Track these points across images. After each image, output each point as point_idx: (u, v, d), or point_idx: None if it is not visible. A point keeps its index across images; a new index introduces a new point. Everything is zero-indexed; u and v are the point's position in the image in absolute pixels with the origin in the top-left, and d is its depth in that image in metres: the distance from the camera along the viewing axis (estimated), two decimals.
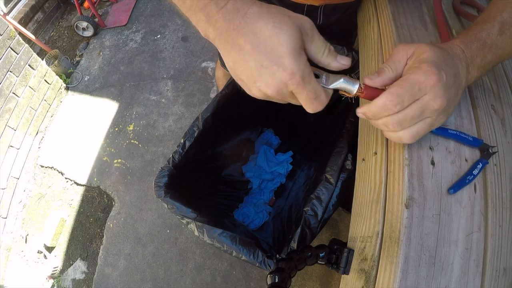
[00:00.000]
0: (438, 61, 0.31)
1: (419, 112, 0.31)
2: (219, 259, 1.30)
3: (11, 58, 1.50)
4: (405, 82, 0.31)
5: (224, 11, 0.30)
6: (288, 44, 0.28)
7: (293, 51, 0.28)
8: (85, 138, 1.72)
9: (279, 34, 0.28)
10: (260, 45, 0.29)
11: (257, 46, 0.29)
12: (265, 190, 1.04)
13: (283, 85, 0.30)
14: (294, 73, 0.29)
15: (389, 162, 0.38)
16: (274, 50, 0.29)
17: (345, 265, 0.39)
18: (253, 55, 0.29)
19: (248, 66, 0.30)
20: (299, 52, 0.29)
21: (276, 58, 0.29)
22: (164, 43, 2.02)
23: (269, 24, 0.29)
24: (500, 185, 0.38)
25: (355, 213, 0.43)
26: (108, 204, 1.52)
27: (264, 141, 1.11)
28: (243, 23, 0.30)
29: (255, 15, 0.30)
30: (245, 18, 0.30)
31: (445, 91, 0.31)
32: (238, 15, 0.30)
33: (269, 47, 0.29)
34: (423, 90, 0.30)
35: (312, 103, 0.31)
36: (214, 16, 0.31)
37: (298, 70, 0.29)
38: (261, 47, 0.29)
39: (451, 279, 0.32)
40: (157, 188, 0.64)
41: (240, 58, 0.31)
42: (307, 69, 0.29)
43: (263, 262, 0.55)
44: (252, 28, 0.29)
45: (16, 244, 1.46)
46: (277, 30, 0.28)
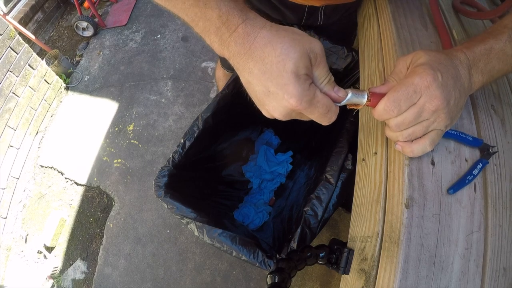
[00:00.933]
0: (433, 63, 0.32)
1: (416, 115, 0.32)
2: (219, 259, 1.30)
3: (11, 58, 1.50)
4: (400, 86, 0.31)
5: (235, 35, 0.31)
6: (293, 71, 0.29)
7: (298, 78, 0.29)
8: (85, 138, 1.72)
9: (285, 61, 0.29)
10: (267, 71, 0.30)
11: (264, 72, 0.30)
12: (265, 190, 1.04)
13: (290, 110, 0.31)
14: (299, 99, 0.29)
15: (389, 162, 0.38)
16: (279, 77, 0.29)
17: (345, 265, 0.39)
18: (261, 81, 0.30)
19: (257, 90, 0.32)
20: (304, 78, 0.30)
21: (282, 85, 0.29)
22: (164, 43, 2.02)
23: (277, 50, 0.29)
24: (500, 185, 0.38)
25: (355, 213, 0.43)
26: (108, 204, 1.52)
27: (264, 141, 1.11)
28: (252, 48, 0.31)
29: (264, 39, 0.30)
30: (255, 43, 0.31)
31: (442, 91, 0.31)
32: (248, 39, 0.31)
33: (275, 73, 0.29)
34: (418, 92, 0.31)
35: (325, 117, 0.32)
36: (227, 40, 0.32)
37: (303, 96, 0.29)
38: (268, 73, 0.30)
39: (451, 279, 0.32)
40: (157, 188, 0.64)
41: (250, 81, 0.32)
42: (311, 92, 0.30)
43: (263, 262, 0.55)
44: (260, 54, 0.30)
45: (16, 244, 1.46)
46: (284, 57, 0.29)
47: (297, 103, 0.29)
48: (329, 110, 0.32)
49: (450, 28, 0.51)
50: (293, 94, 0.29)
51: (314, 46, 0.30)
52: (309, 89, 0.30)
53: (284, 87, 0.29)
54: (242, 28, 0.31)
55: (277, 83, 0.30)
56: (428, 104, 0.31)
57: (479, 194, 0.36)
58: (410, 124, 0.32)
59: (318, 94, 0.31)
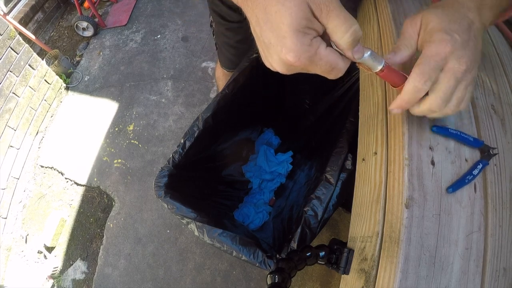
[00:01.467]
0: (445, 24, 0.31)
1: (454, 81, 0.31)
2: (219, 259, 1.30)
3: (11, 58, 1.50)
4: (424, 59, 0.31)
5: None
6: (290, 23, 0.26)
7: (296, 32, 0.26)
8: (85, 138, 1.72)
9: (281, 11, 0.26)
10: (268, 21, 0.27)
11: (266, 22, 0.28)
12: (265, 190, 1.04)
13: (289, 65, 0.28)
14: (297, 55, 0.27)
15: (389, 162, 0.38)
16: (278, 29, 0.27)
17: (345, 265, 0.39)
18: (263, 31, 0.28)
19: (261, 40, 0.29)
20: (303, 31, 0.26)
21: (280, 38, 0.27)
22: (164, 43, 2.02)
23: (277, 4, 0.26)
24: (500, 185, 0.38)
25: (355, 213, 0.43)
26: (108, 204, 1.52)
27: (264, 141, 1.11)
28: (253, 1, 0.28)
29: None
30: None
31: (465, 49, 0.31)
32: None
33: (275, 24, 0.27)
34: (444, 59, 0.30)
35: (329, 74, 0.30)
36: None
37: (302, 51, 0.27)
38: (269, 23, 0.27)
39: (451, 279, 0.32)
40: (157, 188, 0.64)
41: (256, 30, 0.29)
42: (313, 48, 0.27)
43: (263, 262, 0.55)
44: (263, 2, 0.27)
45: (16, 244, 1.46)
46: (280, 6, 0.26)
47: (294, 59, 0.27)
48: (334, 68, 0.29)
49: None
50: (291, 49, 0.27)
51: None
52: (311, 44, 0.27)
53: (282, 40, 0.27)
54: None
55: (277, 35, 0.27)
56: (458, 66, 0.30)
57: (479, 194, 0.36)
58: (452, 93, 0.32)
59: (322, 51, 0.28)
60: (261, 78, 0.83)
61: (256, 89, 0.83)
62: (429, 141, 0.37)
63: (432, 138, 0.38)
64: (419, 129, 0.37)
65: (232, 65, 0.91)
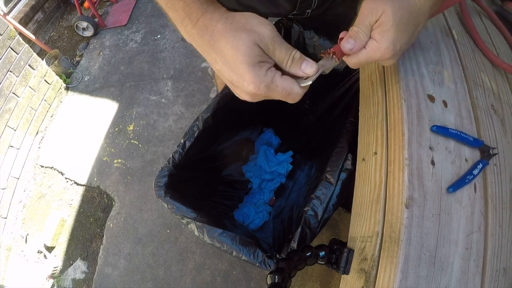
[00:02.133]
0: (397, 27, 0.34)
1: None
2: (219, 259, 1.30)
3: (11, 58, 1.50)
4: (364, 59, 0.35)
5: (196, 27, 0.35)
6: (246, 61, 0.31)
7: (251, 67, 0.31)
8: (85, 138, 1.72)
9: (237, 54, 0.31)
10: (227, 62, 0.33)
11: (224, 63, 0.33)
12: (265, 190, 1.04)
13: (253, 94, 0.33)
14: (257, 85, 0.32)
15: (389, 162, 0.38)
16: (237, 68, 0.32)
17: (345, 265, 0.39)
18: (224, 71, 0.33)
19: (225, 78, 0.35)
20: (258, 65, 0.32)
21: (240, 75, 0.32)
22: (164, 43, 2.02)
23: (228, 43, 0.32)
24: (500, 185, 0.38)
25: (355, 213, 0.43)
26: (108, 204, 1.52)
27: (264, 141, 1.11)
28: (212, 41, 0.33)
29: (219, 33, 0.33)
30: (213, 36, 0.33)
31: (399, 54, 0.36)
32: (207, 32, 0.34)
33: (233, 65, 0.32)
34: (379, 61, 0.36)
35: (287, 99, 0.34)
36: (191, 31, 0.35)
37: (260, 81, 0.32)
38: (227, 65, 0.33)
39: (451, 279, 0.32)
40: (157, 188, 0.64)
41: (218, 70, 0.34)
42: (268, 77, 0.32)
43: (263, 262, 0.55)
44: (218, 47, 0.33)
45: (16, 244, 1.46)
46: (235, 50, 0.31)
47: (255, 89, 0.32)
48: (290, 93, 0.33)
49: (451, 28, 0.51)
50: (250, 81, 0.32)
51: (262, 37, 0.32)
52: (266, 75, 0.32)
53: (242, 76, 0.32)
54: (202, 21, 0.34)
55: (237, 73, 0.32)
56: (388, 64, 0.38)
57: (479, 194, 0.36)
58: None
59: (277, 79, 0.33)
60: None
61: None
62: (429, 141, 0.37)
63: (432, 138, 0.38)
64: (419, 129, 0.37)
65: None
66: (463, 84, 0.44)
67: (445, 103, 0.41)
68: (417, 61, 0.43)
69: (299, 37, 0.78)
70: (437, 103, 0.40)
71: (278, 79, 0.33)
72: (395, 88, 0.41)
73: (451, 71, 0.44)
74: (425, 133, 0.37)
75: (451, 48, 0.48)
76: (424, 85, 0.41)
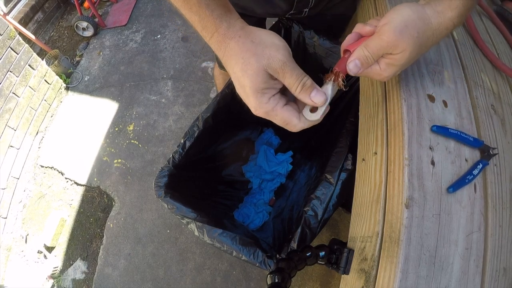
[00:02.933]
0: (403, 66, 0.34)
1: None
2: (219, 259, 1.30)
3: (11, 58, 1.50)
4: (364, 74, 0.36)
5: (212, 41, 0.36)
6: (251, 87, 0.33)
7: (255, 93, 0.33)
8: (85, 138, 1.72)
9: (244, 77, 0.33)
10: (237, 81, 0.35)
11: (236, 81, 0.35)
12: (265, 190, 1.04)
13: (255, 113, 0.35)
14: (257, 110, 0.34)
15: (389, 162, 0.38)
16: (243, 88, 0.34)
17: (345, 265, 0.39)
18: (235, 83, 0.35)
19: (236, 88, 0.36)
20: (262, 92, 0.33)
21: (246, 95, 0.34)
22: (164, 43, 2.02)
23: (238, 65, 0.33)
24: (500, 185, 0.38)
25: (355, 213, 0.43)
26: (108, 204, 1.52)
27: (264, 141, 1.11)
28: (225, 57, 0.35)
29: (231, 52, 0.34)
30: (226, 53, 0.35)
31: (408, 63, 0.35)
32: (221, 48, 0.35)
33: (242, 85, 0.34)
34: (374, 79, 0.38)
35: (286, 127, 0.36)
36: (209, 41, 0.37)
37: (260, 107, 0.34)
38: (238, 83, 0.35)
39: (451, 279, 0.32)
40: (157, 188, 0.64)
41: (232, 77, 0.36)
42: (270, 105, 0.34)
43: (263, 262, 0.55)
44: (230, 63, 0.34)
45: (16, 244, 1.46)
46: (243, 73, 0.33)
47: (256, 112, 0.35)
48: (288, 123, 0.35)
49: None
50: (251, 105, 0.34)
51: (272, 62, 0.32)
52: (268, 103, 0.34)
53: (247, 98, 0.34)
54: (216, 37, 0.35)
55: (243, 92, 0.34)
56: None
57: (479, 194, 0.36)
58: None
59: (278, 108, 0.34)
60: None
61: None
62: (429, 141, 0.37)
63: (432, 138, 0.38)
64: (419, 129, 0.37)
65: None
66: (463, 84, 0.44)
67: (445, 103, 0.41)
68: (417, 61, 0.43)
69: (299, 37, 0.78)
70: (437, 103, 0.40)
71: (279, 109, 0.34)
72: (395, 88, 0.41)
73: (451, 71, 0.44)
74: (425, 133, 0.37)
75: (451, 48, 0.48)
76: (424, 85, 0.41)
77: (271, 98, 0.34)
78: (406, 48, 0.33)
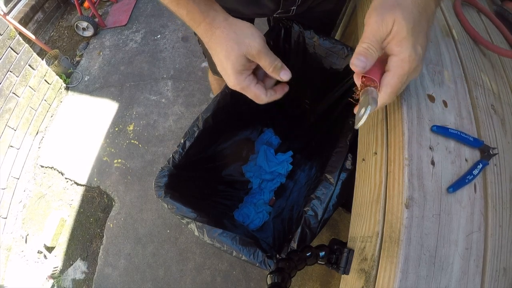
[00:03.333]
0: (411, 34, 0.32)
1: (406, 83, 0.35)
2: (219, 259, 1.30)
3: (11, 58, 1.50)
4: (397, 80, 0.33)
5: (199, 29, 0.44)
6: (232, 68, 0.42)
7: (235, 73, 0.42)
8: (85, 138, 1.72)
9: (227, 61, 0.42)
10: (220, 62, 0.43)
11: (219, 63, 0.44)
12: (265, 190, 1.04)
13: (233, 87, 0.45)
14: (235, 86, 0.44)
15: (389, 162, 0.38)
16: (225, 69, 0.43)
17: (345, 265, 0.39)
18: (218, 66, 0.44)
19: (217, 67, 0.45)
20: (241, 72, 0.43)
21: (227, 75, 0.44)
22: (164, 43, 2.02)
23: (222, 51, 0.42)
24: (500, 185, 0.38)
25: (355, 213, 0.43)
26: (108, 204, 1.52)
27: (264, 141, 1.11)
28: (211, 43, 0.43)
29: (216, 40, 0.42)
30: (212, 39, 0.43)
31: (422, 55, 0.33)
32: (207, 35, 0.43)
33: (224, 66, 0.43)
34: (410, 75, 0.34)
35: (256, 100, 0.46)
36: (196, 31, 0.45)
37: (238, 84, 0.43)
38: (220, 65, 0.44)
39: (451, 279, 0.32)
40: (157, 188, 0.64)
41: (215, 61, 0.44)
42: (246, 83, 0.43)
43: (263, 262, 0.55)
44: (215, 49, 0.43)
45: (16, 244, 1.46)
46: (226, 58, 0.42)
47: (234, 87, 0.44)
48: (257, 97, 0.45)
49: (451, 28, 0.51)
50: (230, 82, 0.44)
51: (250, 49, 0.41)
52: (244, 80, 0.43)
53: (228, 77, 0.43)
54: (203, 26, 0.43)
55: (225, 73, 0.44)
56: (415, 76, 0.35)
57: (479, 194, 0.36)
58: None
59: (252, 86, 0.44)
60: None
61: None
62: (429, 141, 0.37)
63: (432, 138, 0.38)
64: (419, 129, 0.37)
65: None
66: (463, 84, 0.44)
67: (445, 103, 0.41)
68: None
69: (299, 37, 0.78)
70: (437, 103, 0.40)
71: (253, 86, 0.44)
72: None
73: (451, 71, 0.44)
74: (425, 133, 0.37)
75: (451, 48, 0.48)
76: (424, 85, 0.41)
77: (247, 77, 0.43)
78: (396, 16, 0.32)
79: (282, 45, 0.80)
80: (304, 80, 0.91)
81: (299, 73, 0.89)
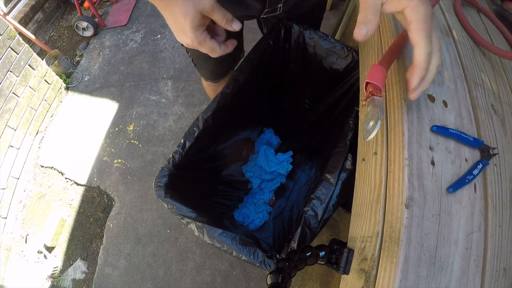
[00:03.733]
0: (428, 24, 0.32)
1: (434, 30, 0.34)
2: (219, 259, 1.30)
3: (11, 58, 1.50)
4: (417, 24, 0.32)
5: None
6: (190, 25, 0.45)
7: (193, 28, 0.45)
8: (85, 138, 1.72)
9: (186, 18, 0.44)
10: (176, 21, 0.46)
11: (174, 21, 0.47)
12: (265, 190, 1.04)
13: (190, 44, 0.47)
14: (193, 40, 0.46)
15: (389, 162, 0.38)
16: (182, 25, 0.46)
17: (345, 265, 0.39)
18: (173, 25, 0.47)
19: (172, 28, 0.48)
20: (197, 27, 0.45)
21: (184, 31, 0.46)
22: (164, 43, 2.02)
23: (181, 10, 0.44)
24: (500, 185, 0.38)
25: (355, 213, 0.43)
26: (108, 204, 1.52)
27: (264, 141, 1.11)
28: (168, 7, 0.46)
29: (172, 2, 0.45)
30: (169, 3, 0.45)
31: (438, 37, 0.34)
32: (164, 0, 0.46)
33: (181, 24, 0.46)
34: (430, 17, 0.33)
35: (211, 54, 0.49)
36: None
37: (195, 38, 0.46)
38: (177, 23, 0.46)
39: (451, 279, 0.32)
40: (157, 188, 0.64)
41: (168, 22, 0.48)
42: (202, 36, 0.46)
43: (263, 262, 0.55)
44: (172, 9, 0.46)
45: (16, 244, 1.46)
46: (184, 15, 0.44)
47: (192, 41, 0.46)
48: (212, 50, 0.48)
49: (451, 28, 0.51)
50: (188, 37, 0.46)
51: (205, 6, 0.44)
52: (201, 35, 0.46)
53: (186, 32, 0.46)
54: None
55: (182, 29, 0.46)
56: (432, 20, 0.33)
57: (479, 194, 0.36)
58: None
59: (207, 40, 0.47)
60: (261, 78, 0.83)
61: (256, 89, 0.83)
62: (429, 141, 0.37)
63: (432, 138, 0.38)
64: (419, 129, 0.37)
65: (215, 76, 0.90)
66: (463, 84, 0.44)
67: (445, 103, 0.41)
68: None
69: (299, 37, 0.78)
70: (437, 103, 0.40)
71: (208, 40, 0.47)
72: (395, 88, 0.41)
73: (451, 71, 0.44)
74: (425, 133, 0.37)
75: (451, 48, 0.48)
76: None
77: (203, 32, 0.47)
78: None
79: (282, 45, 0.81)
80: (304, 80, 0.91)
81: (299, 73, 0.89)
